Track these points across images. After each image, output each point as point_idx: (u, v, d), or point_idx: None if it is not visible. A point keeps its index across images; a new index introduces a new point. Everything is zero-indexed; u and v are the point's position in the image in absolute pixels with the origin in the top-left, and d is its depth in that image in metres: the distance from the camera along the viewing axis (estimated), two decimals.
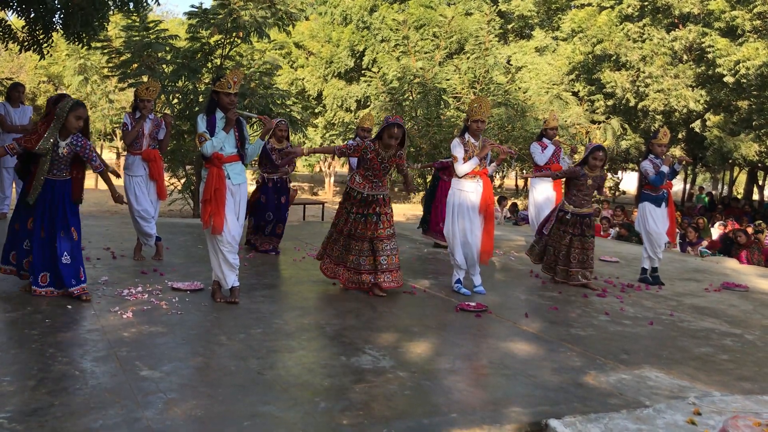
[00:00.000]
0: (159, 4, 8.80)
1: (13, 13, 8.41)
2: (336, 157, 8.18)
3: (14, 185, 8.47)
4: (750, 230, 12.01)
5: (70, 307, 4.67)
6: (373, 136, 8.06)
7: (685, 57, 17.97)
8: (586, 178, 6.60)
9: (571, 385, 3.80)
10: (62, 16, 8.25)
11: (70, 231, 4.91)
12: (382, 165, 5.65)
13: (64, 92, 7.05)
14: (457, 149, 5.94)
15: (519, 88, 17.20)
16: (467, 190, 5.95)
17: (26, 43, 8.54)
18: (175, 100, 11.53)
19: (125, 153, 6.66)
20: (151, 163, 6.43)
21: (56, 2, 7.73)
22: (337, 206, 6.00)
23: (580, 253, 6.62)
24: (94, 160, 5.00)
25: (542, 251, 6.92)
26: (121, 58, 11.44)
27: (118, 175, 5.89)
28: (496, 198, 14.32)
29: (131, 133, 6.30)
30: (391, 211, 5.83)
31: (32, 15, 8.12)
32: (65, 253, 4.87)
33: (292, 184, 7.70)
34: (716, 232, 13.38)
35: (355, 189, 5.72)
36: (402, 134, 5.61)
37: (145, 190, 6.42)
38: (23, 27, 8.53)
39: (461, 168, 5.92)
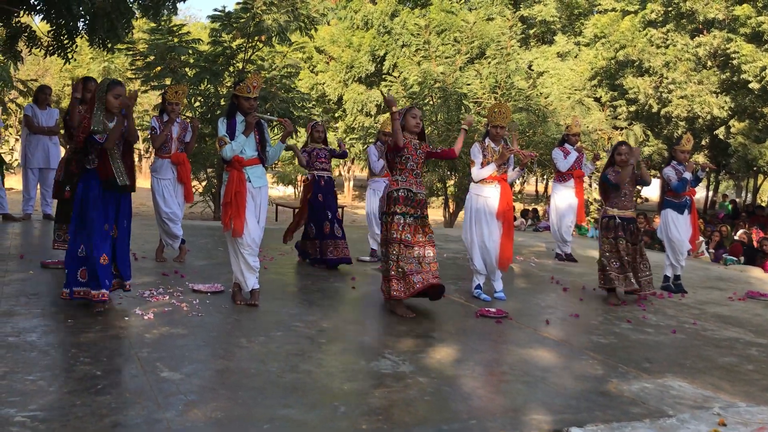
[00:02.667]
0: (176, 13, 8.88)
1: (39, 18, 8.54)
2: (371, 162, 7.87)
3: (38, 186, 8.59)
4: None
5: (92, 309, 4.70)
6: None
7: (709, 63, 17.77)
8: (621, 178, 6.23)
9: (593, 393, 3.76)
10: (87, 22, 8.35)
11: (127, 224, 4.84)
12: (417, 152, 5.33)
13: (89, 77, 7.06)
14: (477, 154, 5.92)
15: (540, 93, 17.10)
16: (485, 195, 5.92)
17: (51, 48, 8.65)
18: (197, 104, 11.63)
19: (147, 155, 6.72)
20: (180, 166, 6.48)
21: (81, 8, 7.82)
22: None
23: (641, 260, 6.32)
24: (132, 134, 4.81)
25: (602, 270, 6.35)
26: (145, 61, 11.57)
27: None
28: (519, 211, 14.26)
29: (160, 136, 6.34)
30: None
31: (57, 20, 8.22)
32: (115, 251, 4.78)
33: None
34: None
35: (402, 188, 5.25)
36: (421, 119, 5.43)
37: (173, 192, 6.47)
38: (48, 32, 8.65)
39: (479, 173, 5.90)
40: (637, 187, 6.41)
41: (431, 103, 14.27)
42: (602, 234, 6.36)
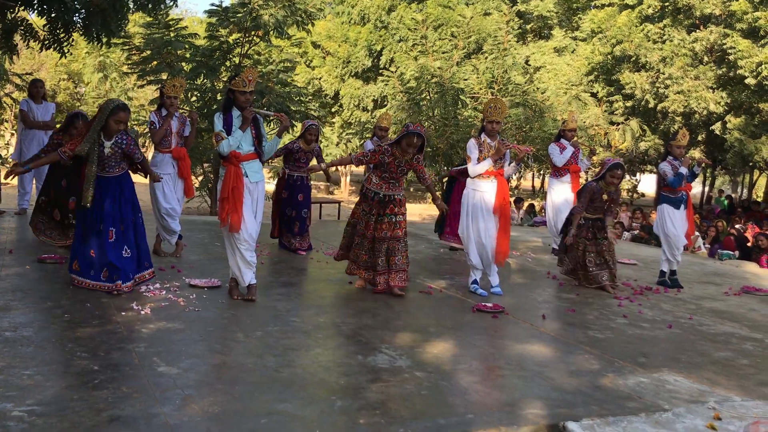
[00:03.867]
0: (176, 5, 8.85)
1: (34, 12, 8.49)
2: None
3: (34, 181, 8.56)
4: None
5: (89, 304, 4.70)
6: (389, 138, 8.10)
7: (705, 58, 17.79)
8: (601, 192, 6.61)
9: (589, 387, 3.77)
10: (82, 16, 8.32)
11: (133, 224, 5.09)
12: (399, 168, 5.67)
13: (79, 111, 7.19)
14: (472, 150, 5.93)
15: (537, 88, 17.14)
16: (482, 190, 5.93)
17: (47, 42, 8.62)
18: (194, 98, 11.60)
19: (143, 150, 6.72)
20: (181, 161, 6.47)
21: (76, 3, 7.79)
22: (353, 206, 6.01)
23: (595, 256, 6.60)
24: (136, 154, 5.15)
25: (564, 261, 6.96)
26: (141, 56, 11.53)
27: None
28: (512, 199, 14.29)
29: (159, 131, 6.32)
30: (406, 211, 5.85)
31: (53, 14, 8.18)
32: (125, 247, 5.04)
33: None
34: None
35: (371, 189, 5.72)
36: (421, 143, 5.67)
37: (173, 187, 6.46)
38: (44, 26, 8.61)
39: (475, 168, 5.91)
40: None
41: (428, 98, 14.27)
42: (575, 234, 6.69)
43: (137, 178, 5.45)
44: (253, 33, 11.49)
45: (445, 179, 15.28)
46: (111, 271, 4.98)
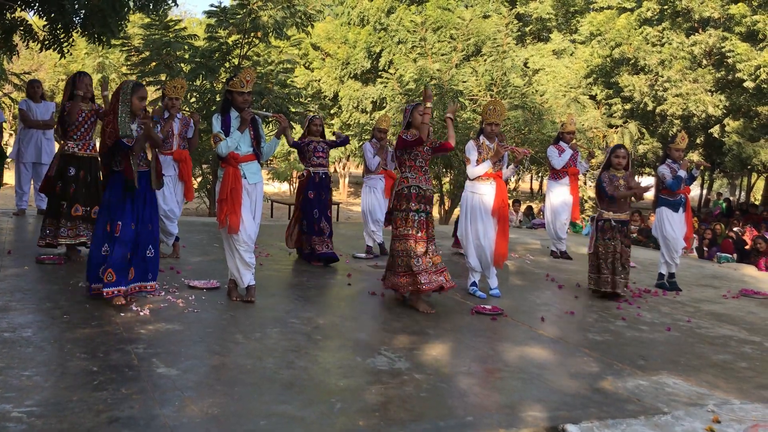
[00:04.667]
0: (177, 5, 8.85)
1: (34, 13, 8.49)
2: (368, 155, 7.89)
3: (32, 182, 8.55)
4: None
5: (88, 305, 4.69)
6: (388, 139, 8.09)
7: (704, 61, 17.82)
8: (617, 179, 6.36)
9: (588, 390, 3.78)
10: (82, 17, 8.31)
11: (156, 223, 4.93)
12: (424, 148, 5.43)
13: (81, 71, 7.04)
14: (471, 152, 5.93)
15: (536, 91, 17.11)
16: (481, 193, 5.93)
17: (47, 42, 8.61)
18: (193, 99, 11.60)
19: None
20: (182, 163, 6.45)
21: (75, 3, 7.79)
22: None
23: (623, 261, 6.32)
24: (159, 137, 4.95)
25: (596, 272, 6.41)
26: (140, 57, 11.52)
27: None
28: (510, 201, 14.30)
29: (161, 133, 6.28)
30: None
31: (52, 15, 8.18)
32: (150, 246, 4.85)
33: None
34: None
35: (413, 185, 5.37)
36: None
37: (173, 190, 6.44)
38: (44, 26, 8.61)
39: (474, 170, 5.91)
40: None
41: None
42: (598, 236, 6.37)
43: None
44: (252, 34, 11.50)
45: (445, 180, 15.33)
46: (139, 272, 4.80)
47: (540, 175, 25.41)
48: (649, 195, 7.15)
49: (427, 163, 5.50)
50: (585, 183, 18.93)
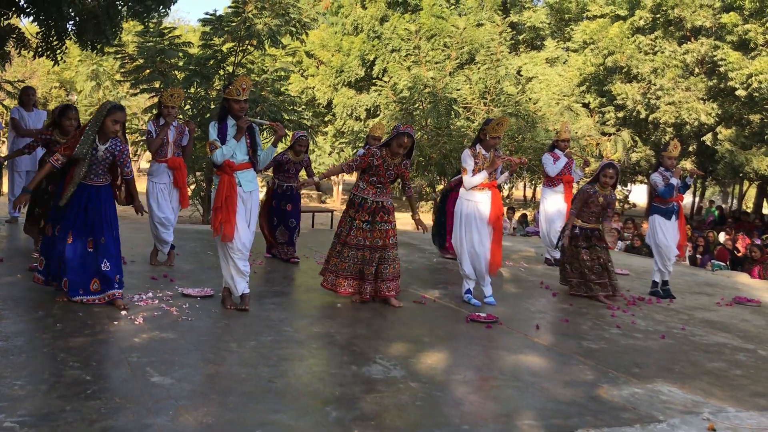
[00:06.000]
0: (168, 14, 8.85)
1: (27, 19, 8.48)
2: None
3: None
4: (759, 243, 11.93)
5: (81, 313, 4.67)
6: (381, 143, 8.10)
7: (696, 70, 17.94)
8: (597, 195, 6.54)
9: (584, 398, 3.77)
10: (76, 24, 8.30)
11: (110, 237, 4.91)
12: (387, 172, 5.60)
13: (69, 103, 7.09)
14: (468, 161, 5.92)
15: (530, 99, 17.20)
16: (476, 201, 5.93)
17: (40, 50, 8.59)
18: (187, 107, 11.59)
19: (135, 159, 6.68)
20: (177, 171, 6.44)
21: (70, 10, 7.77)
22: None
23: (592, 264, 6.57)
24: (127, 166, 4.99)
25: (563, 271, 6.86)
26: (134, 64, 11.51)
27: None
28: (504, 208, 14.32)
29: (156, 140, 6.27)
30: (395, 219, 5.81)
31: (46, 22, 8.16)
32: (104, 260, 4.84)
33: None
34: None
35: (358, 195, 5.65)
36: (411, 144, 5.63)
37: (168, 197, 6.43)
38: (37, 33, 8.59)
39: (471, 180, 5.91)
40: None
41: (421, 108, 14.30)
42: (574, 243, 6.66)
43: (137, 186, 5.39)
44: (247, 42, 11.51)
45: (439, 188, 15.33)
46: (102, 282, 4.87)
47: (534, 182, 25.48)
48: (643, 202, 7.22)
49: (386, 181, 5.67)
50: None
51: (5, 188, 9.31)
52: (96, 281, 4.86)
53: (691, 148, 20.34)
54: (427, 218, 17.80)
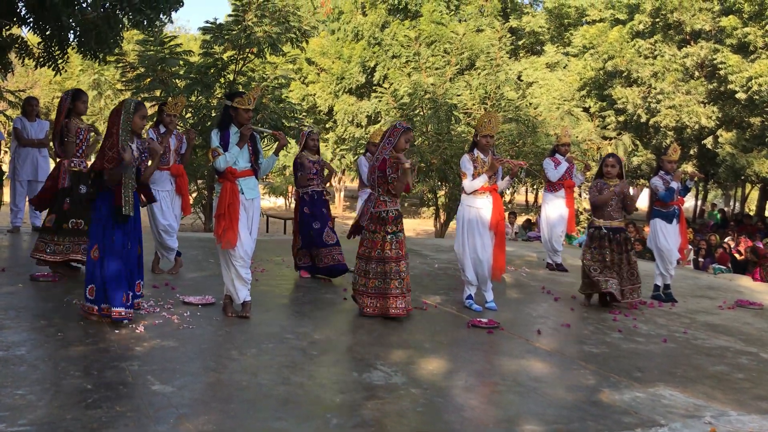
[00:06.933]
0: (172, 22, 8.89)
1: (28, 29, 8.51)
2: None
3: (27, 198, 8.53)
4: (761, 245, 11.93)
5: (82, 322, 4.67)
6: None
7: (696, 73, 17.94)
8: (607, 187, 6.36)
9: (585, 403, 3.77)
10: (77, 33, 8.33)
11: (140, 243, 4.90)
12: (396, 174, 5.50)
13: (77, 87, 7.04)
14: (467, 165, 5.92)
15: (530, 104, 17.22)
16: (477, 206, 5.93)
17: (42, 59, 8.63)
18: (188, 115, 11.62)
19: None
20: (179, 178, 6.48)
21: (71, 20, 7.81)
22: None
23: (628, 269, 6.37)
24: (147, 160, 4.97)
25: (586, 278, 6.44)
26: (135, 73, 11.55)
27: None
28: (506, 214, 14.31)
29: (154, 147, 6.29)
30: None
31: (48, 32, 8.20)
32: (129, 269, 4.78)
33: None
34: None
35: (390, 209, 5.46)
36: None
37: (170, 204, 6.45)
38: (39, 43, 8.63)
39: (471, 184, 5.91)
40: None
41: (421, 114, 14.32)
42: (587, 243, 6.44)
43: None
44: (247, 50, 11.54)
45: (441, 194, 15.36)
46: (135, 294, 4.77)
47: (535, 187, 25.48)
48: (644, 206, 7.22)
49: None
50: (580, 195, 18.98)
51: (7, 198, 9.33)
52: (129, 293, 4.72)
53: (692, 152, 20.33)
54: (428, 224, 17.79)
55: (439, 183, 15.02)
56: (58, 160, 6.08)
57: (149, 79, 11.40)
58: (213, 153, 5.00)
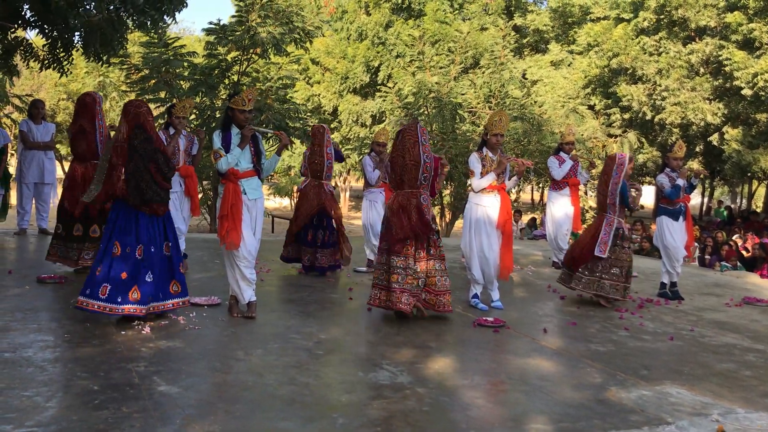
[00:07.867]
0: (176, 22, 8.92)
1: (34, 33, 8.55)
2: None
3: (33, 201, 8.56)
4: None
5: (88, 323, 4.68)
6: (387, 152, 8.08)
7: (702, 70, 17.89)
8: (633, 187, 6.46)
9: (592, 401, 3.76)
10: (82, 35, 8.36)
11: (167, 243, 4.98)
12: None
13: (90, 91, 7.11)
14: (475, 164, 5.92)
15: (535, 102, 17.19)
16: (485, 205, 5.92)
17: (47, 62, 8.66)
18: (193, 116, 11.64)
19: None
20: (188, 179, 6.50)
21: (76, 22, 7.83)
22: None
23: (620, 267, 6.38)
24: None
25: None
26: (140, 75, 11.58)
27: None
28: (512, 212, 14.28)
29: (168, 149, 6.30)
30: None
31: (53, 34, 8.23)
32: (148, 271, 4.79)
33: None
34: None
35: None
36: None
37: (179, 206, 6.46)
38: (44, 46, 8.66)
39: (479, 183, 5.89)
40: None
41: (426, 113, 14.31)
42: (614, 243, 6.40)
43: None
44: (251, 51, 11.56)
45: (446, 193, 15.34)
46: (143, 296, 4.72)
47: (541, 185, 25.44)
48: (650, 204, 7.18)
49: None
50: (586, 193, 18.93)
51: (14, 200, 9.36)
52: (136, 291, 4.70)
53: (698, 149, 20.26)
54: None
55: (445, 182, 15.01)
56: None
57: (154, 81, 11.43)
58: (215, 154, 5.01)
